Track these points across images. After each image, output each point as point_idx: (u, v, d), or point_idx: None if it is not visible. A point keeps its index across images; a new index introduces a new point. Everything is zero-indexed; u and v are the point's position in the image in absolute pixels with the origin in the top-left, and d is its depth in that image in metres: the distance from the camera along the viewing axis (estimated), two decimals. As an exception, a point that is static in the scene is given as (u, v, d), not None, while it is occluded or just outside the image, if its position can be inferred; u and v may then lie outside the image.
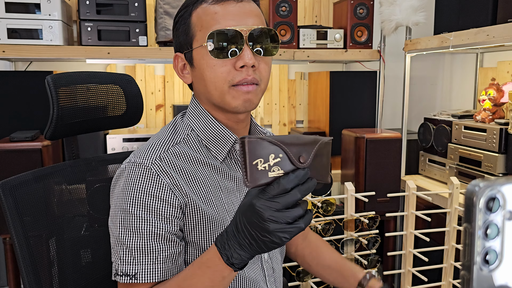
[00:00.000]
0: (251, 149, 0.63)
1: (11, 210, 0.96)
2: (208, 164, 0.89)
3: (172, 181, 0.83)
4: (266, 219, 0.64)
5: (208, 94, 0.87)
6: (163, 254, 0.82)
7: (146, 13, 2.13)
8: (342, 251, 1.77)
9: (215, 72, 0.84)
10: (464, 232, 0.34)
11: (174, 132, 0.92)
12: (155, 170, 0.83)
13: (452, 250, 1.80)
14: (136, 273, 0.81)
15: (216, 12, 0.84)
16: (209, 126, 0.90)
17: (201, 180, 0.87)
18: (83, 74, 1.12)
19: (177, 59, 0.93)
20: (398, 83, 2.59)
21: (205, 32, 0.84)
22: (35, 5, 1.96)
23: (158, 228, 0.82)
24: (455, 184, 1.76)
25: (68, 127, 1.07)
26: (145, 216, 0.82)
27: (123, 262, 0.83)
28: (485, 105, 1.98)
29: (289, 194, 0.64)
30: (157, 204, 0.82)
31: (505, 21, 1.74)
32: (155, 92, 2.56)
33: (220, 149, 0.90)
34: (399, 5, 2.13)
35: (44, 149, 1.76)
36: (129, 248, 0.82)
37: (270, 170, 0.65)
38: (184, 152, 0.88)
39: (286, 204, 0.64)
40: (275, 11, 2.26)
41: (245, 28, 0.83)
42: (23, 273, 0.96)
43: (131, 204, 0.83)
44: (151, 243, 0.82)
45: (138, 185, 0.83)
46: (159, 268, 0.82)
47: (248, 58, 0.83)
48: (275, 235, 0.64)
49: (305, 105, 2.78)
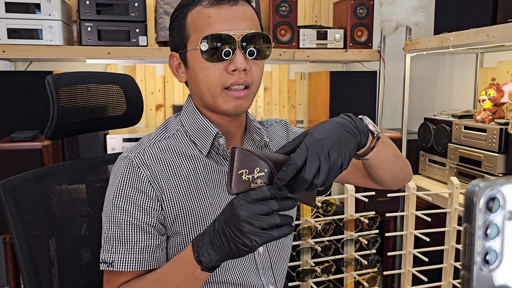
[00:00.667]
0: (239, 159, 0.69)
1: (12, 210, 0.96)
2: (194, 157, 0.91)
3: (152, 173, 0.87)
4: (242, 219, 0.68)
5: (201, 95, 0.90)
6: (140, 245, 0.86)
7: (146, 13, 2.13)
8: (342, 251, 1.78)
9: (208, 75, 0.86)
10: (464, 232, 0.34)
11: (164, 129, 0.96)
12: (136, 162, 0.87)
13: (452, 250, 1.80)
14: (113, 261, 0.86)
15: (210, 16, 0.85)
16: (195, 120, 0.93)
17: (184, 174, 0.90)
18: (83, 74, 1.12)
19: (172, 58, 0.95)
20: (398, 83, 2.59)
21: (199, 35, 0.86)
22: (35, 5, 1.96)
23: (136, 219, 0.86)
24: (455, 184, 1.76)
25: (68, 127, 1.07)
26: (124, 207, 0.86)
27: (103, 249, 0.88)
28: (485, 105, 1.98)
29: (268, 202, 0.69)
30: (135, 195, 0.86)
31: (505, 21, 1.74)
32: (155, 92, 2.56)
33: (203, 143, 0.92)
34: (399, 5, 2.13)
35: (44, 149, 1.76)
36: (109, 237, 0.87)
37: (253, 182, 0.70)
38: (171, 146, 0.91)
39: (263, 210, 0.68)
40: (275, 11, 2.26)
41: (237, 32, 0.85)
42: (23, 273, 0.96)
43: (114, 194, 0.87)
44: (128, 233, 0.86)
45: (120, 177, 0.88)
46: (136, 258, 0.86)
47: (239, 62, 0.84)
48: (247, 237, 0.68)
49: (305, 105, 2.78)
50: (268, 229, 0.69)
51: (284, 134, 1.09)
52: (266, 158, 0.70)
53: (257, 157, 0.70)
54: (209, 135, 0.91)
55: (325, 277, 1.75)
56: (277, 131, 1.08)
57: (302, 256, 1.72)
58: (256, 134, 0.98)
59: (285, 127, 1.11)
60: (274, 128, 1.09)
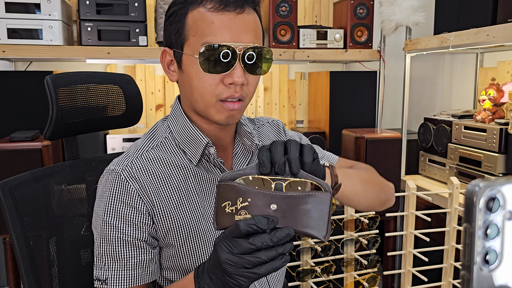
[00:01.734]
0: (221, 192, 0.66)
1: (11, 210, 0.96)
2: (183, 167, 0.88)
3: (141, 187, 0.84)
4: (222, 261, 0.65)
5: (194, 101, 0.87)
6: (133, 261, 0.84)
7: (146, 13, 2.13)
8: (342, 251, 1.77)
9: (203, 84, 0.83)
10: (464, 232, 0.34)
11: (152, 137, 0.92)
12: (124, 176, 0.84)
13: (452, 250, 1.79)
14: (107, 278, 0.84)
15: (213, 22, 0.81)
16: (184, 128, 0.89)
17: (174, 184, 0.87)
18: (82, 74, 1.12)
19: (164, 54, 0.90)
20: (398, 83, 2.58)
21: (199, 40, 0.81)
22: (35, 5, 1.96)
23: (127, 236, 0.83)
24: (455, 184, 1.76)
25: (68, 127, 1.07)
26: (115, 223, 0.84)
27: (96, 267, 0.86)
28: (485, 105, 1.98)
29: (246, 241, 0.64)
30: (125, 210, 0.83)
31: (505, 21, 1.74)
32: (155, 92, 2.56)
33: (193, 152, 0.89)
34: (399, 5, 2.13)
35: (44, 149, 1.76)
36: (101, 254, 0.85)
37: (237, 213, 0.65)
38: (158, 156, 0.88)
39: (243, 250, 0.64)
40: (275, 11, 2.26)
41: (239, 45, 0.81)
42: (22, 273, 0.96)
43: (102, 210, 0.85)
44: (120, 250, 0.84)
45: (109, 192, 0.85)
46: (129, 274, 0.84)
47: (238, 77, 0.81)
48: (233, 277, 0.66)
49: (305, 105, 2.78)
50: (253, 267, 0.64)
51: (274, 136, 1.06)
52: (249, 187, 0.65)
53: (240, 186, 0.65)
54: (199, 145, 0.88)
55: (325, 277, 1.75)
56: (268, 133, 1.05)
57: (302, 256, 1.72)
58: (247, 139, 0.95)
59: (277, 129, 1.07)
60: (266, 130, 1.06)
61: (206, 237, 0.88)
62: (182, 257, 0.87)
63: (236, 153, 0.96)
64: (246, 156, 0.97)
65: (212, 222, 0.65)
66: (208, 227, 0.88)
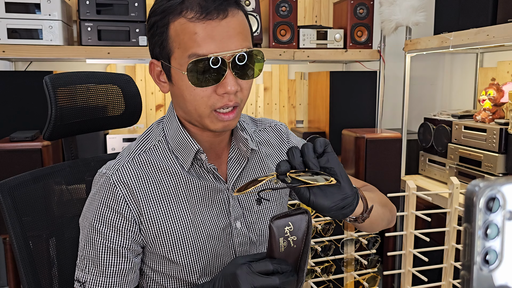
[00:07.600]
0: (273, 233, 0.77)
1: (10, 211, 0.96)
2: (174, 173, 0.87)
3: (130, 192, 0.83)
4: None
5: (187, 112, 0.84)
6: (113, 269, 0.84)
7: (146, 13, 2.13)
8: (342, 251, 1.77)
9: (195, 97, 0.80)
10: (464, 232, 0.34)
11: (145, 140, 0.90)
12: (113, 180, 0.83)
13: (452, 250, 1.79)
14: (86, 282, 0.84)
15: (196, 33, 0.76)
16: (176, 134, 0.88)
17: (165, 190, 0.86)
18: (81, 74, 1.12)
19: (153, 66, 0.87)
20: (398, 83, 2.58)
21: (184, 53, 0.78)
22: (35, 5, 1.96)
23: (111, 242, 0.83)
24: (455, 184, 1.76)
25: (67, 127, 1.07)
26: (100, 229, 0.83)
27: (78, 267, 0.87)
28: (485, 105, 1.98)
29: (270, 278, 0.72)
30: (112, 217, 0.83)
31: (505, 21, 1.74)
32: (155, 92, 2.56)
33: (185, 158, 0.87)
34: (399, 5, 2.13)
35: (44, 149, 1.76)
36: (83, 256, 0.85)
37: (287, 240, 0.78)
38: (151, 160, 0.87)
39: (265, 284, 0.72)
40: (275, 11, 2.26)
41: (227, 53, 0.77)
42: (22, 274, 0.96)
43: (91, 213, 0.85)
44: (103, 256, 0.83)
45: (97, 195, 0.85)
46: (108, 281, 0.84)
47: (230, 85, 0.78)
48: None
49: (305, 105, 2.78)
50: None
51: (276, 142, 1.03)
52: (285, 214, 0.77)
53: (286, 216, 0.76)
54: (190, 151, 0.86)
55: (325, 277, 1.75)
56: (269, 138, 1.02)
57: (302, 256, 1.72)
58: (242, 144, 0.92)
59: (280, 135, 1.04)
60: (267, 134, 1.03)
61: (194, 243, 0.87)
62: (171, 263, 0.87)
63: (231, 158, 0.94)
64: (241, 162, 0.94)
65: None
66: (197, 234, 0.87)
